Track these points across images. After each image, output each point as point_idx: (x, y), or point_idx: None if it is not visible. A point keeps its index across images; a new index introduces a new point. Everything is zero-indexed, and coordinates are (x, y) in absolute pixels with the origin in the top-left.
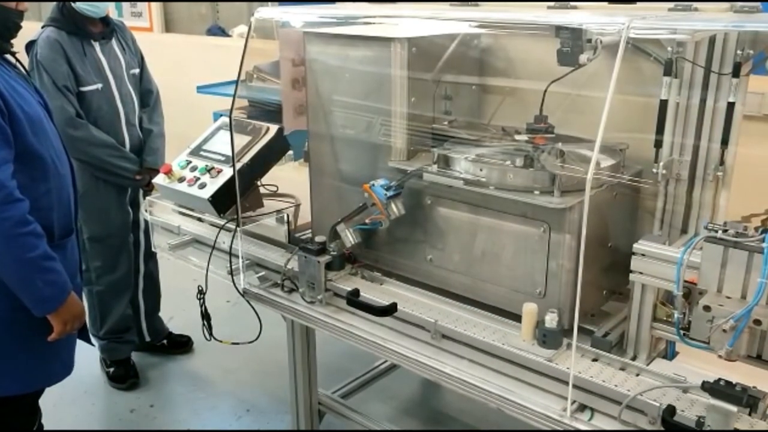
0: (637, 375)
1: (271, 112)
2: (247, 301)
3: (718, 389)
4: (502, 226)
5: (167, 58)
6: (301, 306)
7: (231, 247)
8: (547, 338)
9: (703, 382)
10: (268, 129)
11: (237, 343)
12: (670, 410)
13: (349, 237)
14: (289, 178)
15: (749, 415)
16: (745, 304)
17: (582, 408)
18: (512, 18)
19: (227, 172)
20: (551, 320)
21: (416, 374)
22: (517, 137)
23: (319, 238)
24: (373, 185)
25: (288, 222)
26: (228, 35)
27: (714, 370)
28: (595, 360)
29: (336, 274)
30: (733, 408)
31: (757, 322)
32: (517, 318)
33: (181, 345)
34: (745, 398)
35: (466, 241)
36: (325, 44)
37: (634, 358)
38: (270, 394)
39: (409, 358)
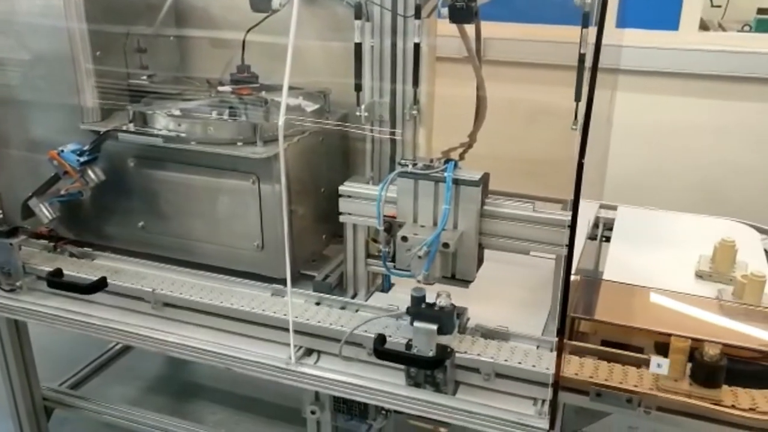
0: (357, 311)
1: None
2: None
3: (419, 312)
4: (213, 182)
5: None
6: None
7: None
8: None
9: (407, 308)
10: None
11: None
12: (381, 339)
13: (45, 212)
14: None
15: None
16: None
17: (309, 352)
18: None
19: None
20: None
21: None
22: (220, 89)
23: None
24: (62, 151)
25: None
26: None
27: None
28: (318, 303)
29: (39, 254)
30: (434, 327)
31: (446, 245)
32: (238, 274)
33: None
34: (439, 316)
35: (178, 202)
36: None
37: (354, 296)
38: None
39: (130, 333)
